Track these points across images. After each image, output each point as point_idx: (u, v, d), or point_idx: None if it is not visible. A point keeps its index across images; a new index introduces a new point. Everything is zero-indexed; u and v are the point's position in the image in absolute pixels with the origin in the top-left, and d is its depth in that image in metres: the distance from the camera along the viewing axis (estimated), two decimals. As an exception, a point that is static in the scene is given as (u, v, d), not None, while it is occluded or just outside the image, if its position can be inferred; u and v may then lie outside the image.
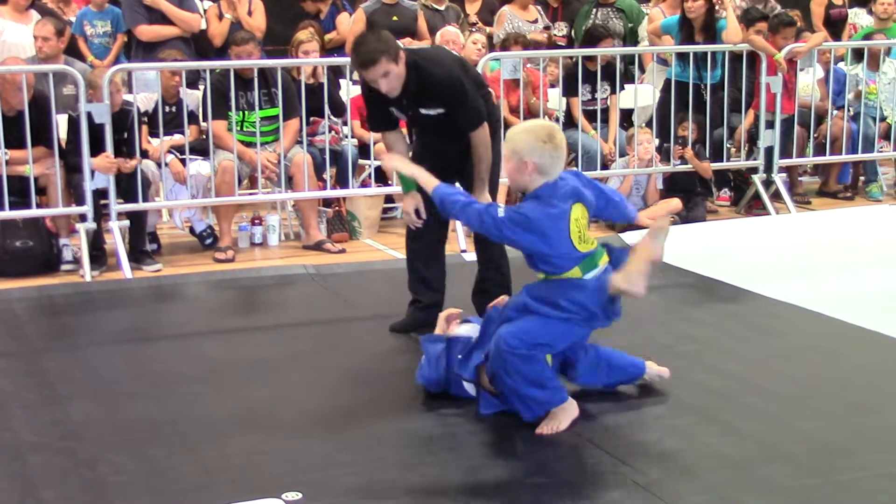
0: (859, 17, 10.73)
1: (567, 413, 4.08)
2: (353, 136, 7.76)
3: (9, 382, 4.69)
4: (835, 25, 10.37)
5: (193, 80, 7.77)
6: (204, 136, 7.40)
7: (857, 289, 6.11)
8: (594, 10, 9.57)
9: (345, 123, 7.79)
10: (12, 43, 8.04)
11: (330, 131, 7.61)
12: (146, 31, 8.41)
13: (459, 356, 4.33)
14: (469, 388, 4.36)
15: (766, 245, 7.24)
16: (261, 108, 7.35)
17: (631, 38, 9.69)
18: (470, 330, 4.43)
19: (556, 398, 4.07)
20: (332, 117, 7.72)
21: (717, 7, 8.39)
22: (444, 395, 4.43)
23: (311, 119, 7.61)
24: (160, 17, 8.41)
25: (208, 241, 7.45)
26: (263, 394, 4.52)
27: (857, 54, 9.20)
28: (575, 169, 4.22)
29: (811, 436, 4.03)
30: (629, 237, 7.17)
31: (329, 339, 5.37)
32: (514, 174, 4.03)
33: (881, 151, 9.20)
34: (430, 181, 4.17)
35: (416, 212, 5.10)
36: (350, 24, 8.88)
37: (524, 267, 4.24)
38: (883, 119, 9.11)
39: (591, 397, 4.35)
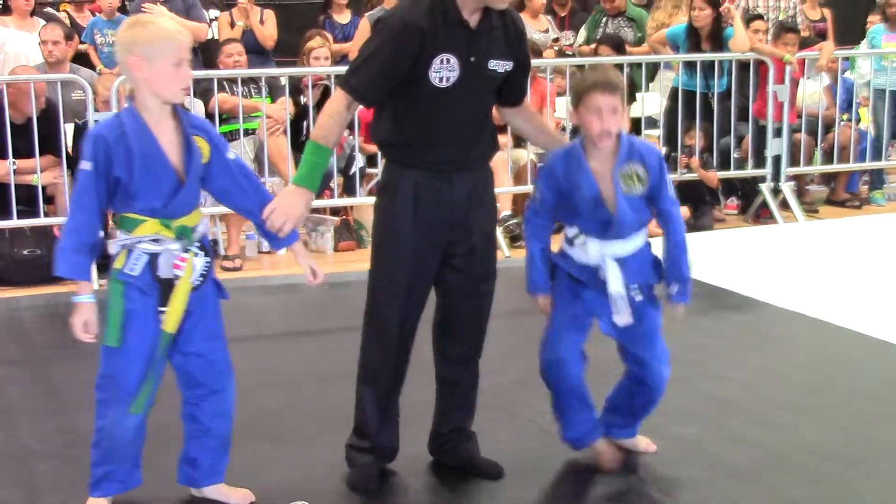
0: None
1: None
2: (359, 151, 7.69)
3: (16, 390, 4.70)
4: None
5: (200, 89, 7.78)
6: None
7: (866, 297, 6.10)
8: (604, 19, 9.56)
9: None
10: (14, 53, 8.04)
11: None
12: None
13: None
14: None
15: (773, 254, 7.23)
16: (245, 98, 7.50)
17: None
18: None
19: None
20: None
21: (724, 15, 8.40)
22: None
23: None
24: (167, 29, 8.40)
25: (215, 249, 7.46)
26: (271, 402, 4.52)
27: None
28: None
29: (820, 444, 4.02)
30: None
31: (337, 347, 5.35)
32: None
33: (889, 160, 9.20)
34: None
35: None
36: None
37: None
38: None
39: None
